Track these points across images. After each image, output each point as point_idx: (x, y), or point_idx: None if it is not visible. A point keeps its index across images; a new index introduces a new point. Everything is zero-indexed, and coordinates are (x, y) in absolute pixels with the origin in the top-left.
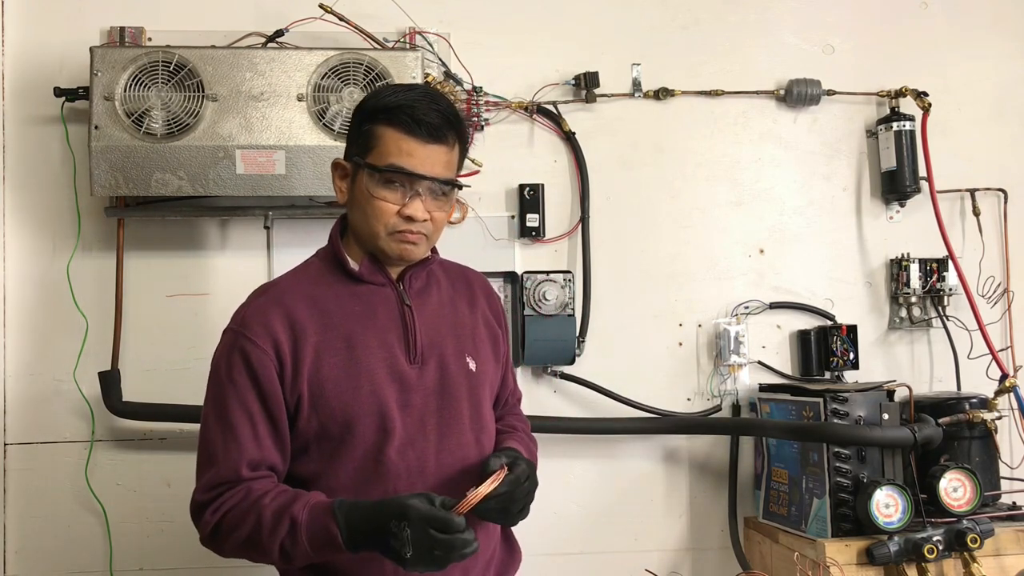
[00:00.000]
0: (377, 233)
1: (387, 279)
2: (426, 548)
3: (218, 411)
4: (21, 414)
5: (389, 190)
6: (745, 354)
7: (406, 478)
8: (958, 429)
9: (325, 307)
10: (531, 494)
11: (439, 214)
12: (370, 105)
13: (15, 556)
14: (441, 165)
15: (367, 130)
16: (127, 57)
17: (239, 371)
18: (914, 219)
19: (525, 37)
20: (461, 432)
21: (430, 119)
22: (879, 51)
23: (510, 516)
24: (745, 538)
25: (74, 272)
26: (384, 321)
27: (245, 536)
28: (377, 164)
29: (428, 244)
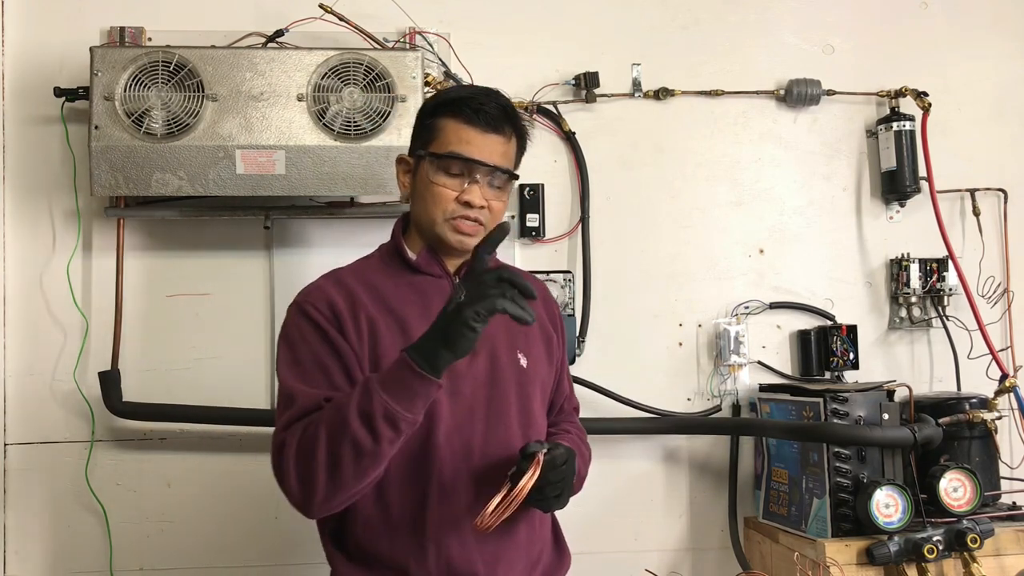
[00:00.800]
0: (435, 219)
1: (444, 271)
2: (480, 284)
3: (293, 368)
4: (21, 414)
5: (448, 176)
6: (745, 354)
7: (450, 463)
8: (958, 429)
9: (382, 292)
10: (568, 481)
11: (496, 203)
12: (433, 101)
13: (15, 556)
14: (499, 155)
15: (429, 123)
16: (127, 57)
17: (307, 330)
18: (914, 219)
19: (525, 37)
20: (508, 425)
21: (489, 110)
22: (879, 51)
23: (546, 501)
24: (745, 538)
25: (74, 272)
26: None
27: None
28: (438, 152)
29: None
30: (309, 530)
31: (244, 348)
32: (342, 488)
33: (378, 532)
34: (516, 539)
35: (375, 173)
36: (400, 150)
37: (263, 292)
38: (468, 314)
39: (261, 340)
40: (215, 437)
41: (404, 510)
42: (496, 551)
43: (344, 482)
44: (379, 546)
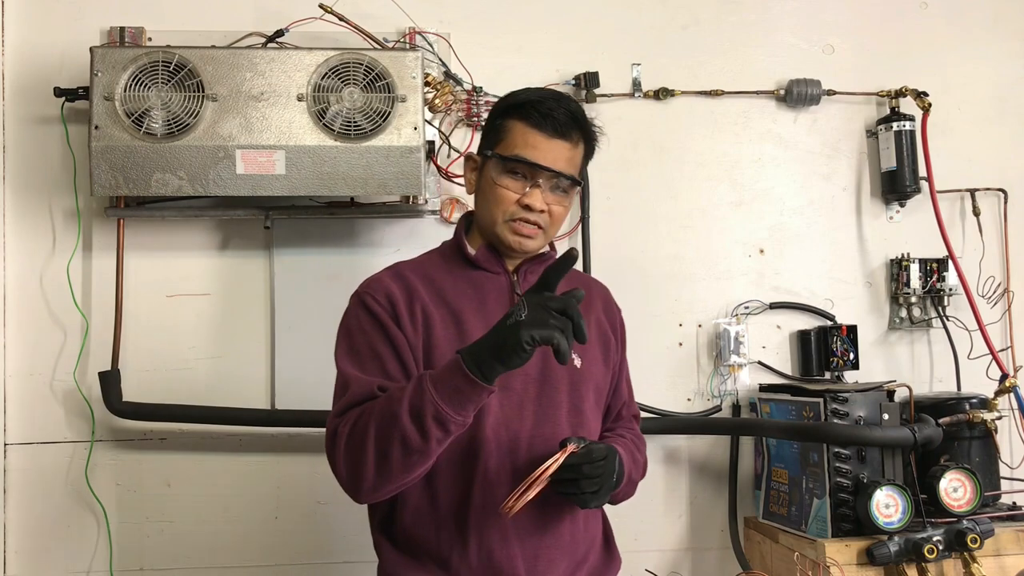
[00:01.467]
0: (496, 219)
1: (502, 269)
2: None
3: (350, 356)
4: (21, 414)
5: (511, 179)
6: (745, 354)
7: (497, 455)
8: (958, 429)
9: (440, 285)
10: (606, 479)
11: (557, 208)
12: (504, 102)
13: (15, 556)
14: (563, 160)
15: (499, 124)
16: (127, 57)
17: (364, 320)
18: (914, 219)
19: (525, 37)
20: (557, 422)
21: (557, 115)
22: (879, 51)
23: (583, 496)
24: (745, 538)
25: (74, 272)
26: (493, 307)
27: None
28: (503, 154)
29: (544, 238)
30: (309, 530)
31: (244, 348)
32: (390, 480)
33: (425, 521)
34: (559, 537)
35: (375, 173)
36: (400, 150)
37: (263, 292)
38: (524, 336)
39: (261, 340)
40: (215, 437)
41: (450, 501)
42: (537, 547)
43: (392, 474)
44: (425, 535)
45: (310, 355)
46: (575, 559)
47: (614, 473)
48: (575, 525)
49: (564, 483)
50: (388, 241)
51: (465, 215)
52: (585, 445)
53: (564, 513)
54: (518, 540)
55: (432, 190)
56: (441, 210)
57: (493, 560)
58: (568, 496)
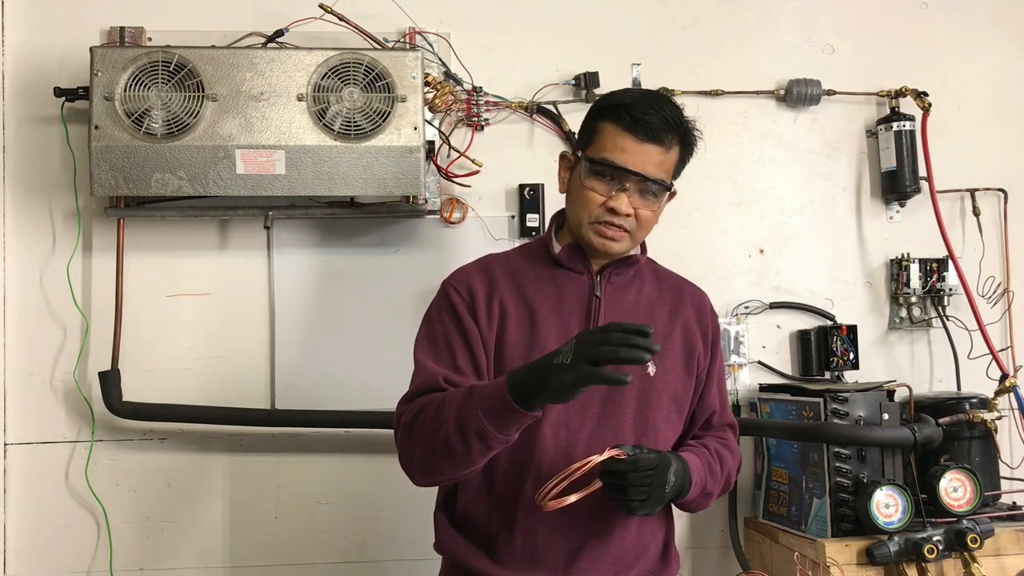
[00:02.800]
0: (581, 221)
1: (585, 268)
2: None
3: (426, 343)
4: (21, 414)
5: (599, 181)
6: (745, 354)
7: (553, 453)
8: (958, 429)
9: (521, 281)
10: (656, 488)
11: (645, 212)
12: (600, 103)
13: (15, 556)
14: (653, 164)
15: (593, 125)
16: (127, 57)
17: (445, 311)
18: (914, 219)
19: (525, 37)
20: (620, 429)
21: (649, 119)
22: (879, 51)
23: (630, 502)
24: (745, 538)
25: (74, 272)
26: (570, 306)
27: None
28: (592, 156)
29: (631, 241)
30: (309, 530)
31: (244, 348)
32: (435, 476)
33: (480, 503)
34: (606, 539)
35: (375, 173)
36: (400, 150)
37: (263, 292)
38: (567, 380)
39: (261, 340)
40: (215, 437)
41: (504, 488)
42: (581, 545)
43: (437, 472)
44: (479, 516)
45: (310, 355)
46: (623, 563)
47: (666, 483)
48: (625, 530)
49: (612, 488)
50: (388, 241)
51: (557, 213)
52: (634, 454)
53: (614, 516)
54: (563, 536)
55: (432, 190)
56: (441, 210)
57: (537, 551)
58: (616, 502)
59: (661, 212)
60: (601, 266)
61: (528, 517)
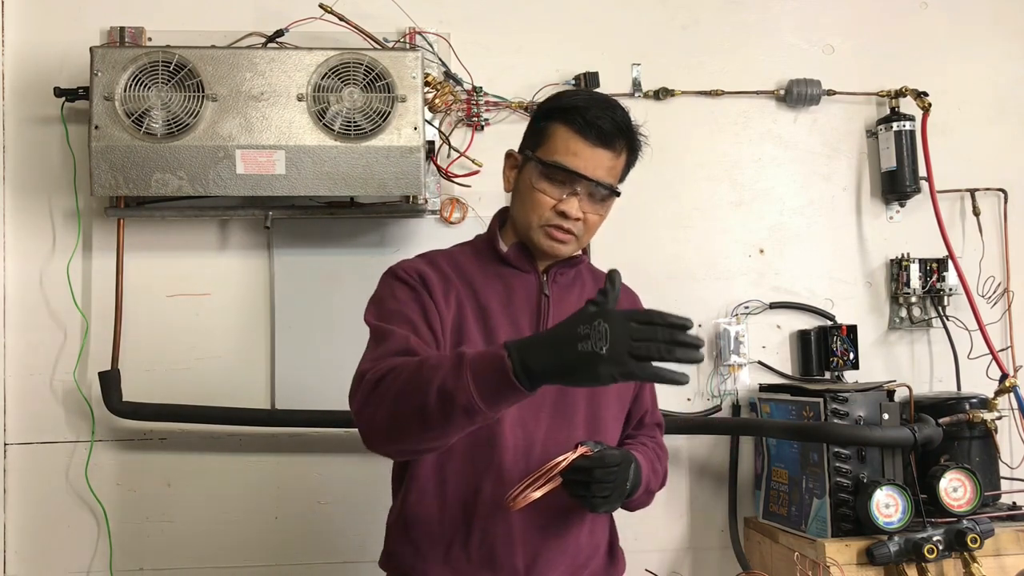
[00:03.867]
0: (531, 223)
1: (532, 268)
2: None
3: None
4: (21, 414)
5: (549, 184)
6: (745, 354)
7: (513, 453)
8: (958, 429)
9: (470, 278)
10: (618, 484)
11: (593, 216)
12: (550, 103)
13: (15, 556)
14: (604, 169)
15: (542, 126)
16: (127, 57)
17: (397, 288)
18: (914, 219)
19: (525, 37)
20: (573, 427)
21: (602, 123)
22: (879, 51)
23: (593, 500)
24: (745, 538)
25: (74, 272)
26: (520, 305)
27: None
28: (543, 158)
29: (577, 244)
30: (309, 530)
31: (244, 348)
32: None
33: (430, 505)
34: (562, 540)
35: (375, 173)
36: (400, 150)
37: (263, 292)
38: (604, 372)
39: (261, 340)
40: (215, 437)
41: (459, 489)
42: (539, 547)
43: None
44: (429, 519)
45: (310, 355)
46: (576, 563)
47: (627, 480)
48: (581, 529)
49: (575, 485)
50: (388, 241)
51: (500, 211)
52: (600, 450)
53: (571, 516)
54: (522, 538)
55: (432, 190)
56: (441, 210)
57: (494, 554)
58: (578, 499)
59: (606, 217)
60: (546, 266)
61: (487, 520)
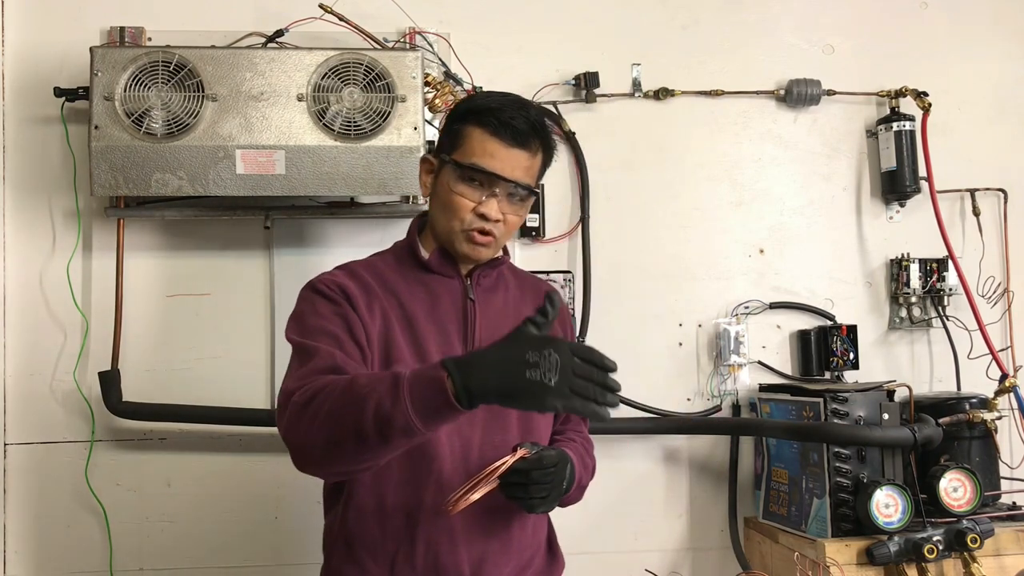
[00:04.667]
0: (452, 227)
1: (455, 273)
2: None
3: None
4: (21, 414)
5: (468, 187)
6: (745, 354)
7: (450, 460)
8: (958, 429)
9: (393, 287)
10: (555, 484)
11: (513, 217)
12: (464, 106)
13: (15, 556)
14: (521, 170)
15: (457, 129)
16: (127, 57)
17: (320, 303)
18: (914, 219)
19: (525, 37)
20: (507, 429)
21: (517, 124)
22: (879, 51)
23: (530, 500)
24: (745, 538)
25: (74, 272)
26: (446, 311)
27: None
28: (460, 161)
29: (497, 246)
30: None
31: (244, 348)
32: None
33: (371, 523)
34: (506, 541)
35: (375, 173)
36: (400, 150)
37: (263, 292)
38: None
39: (261, 340)
40: (215, 437)
41: (399, 500)
42: (484, 551)
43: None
44: (370, 532)
45: None
46: (520, 563)
47: (564, 480)
48: (523, 530)
49: (513, 487)
50: (388, 241)
51: (418, 216)
52: (537, 451)
53: (512, 517)
54: (466, 543)
55: None
56: None
57: (439, 562)
58: (516, 501)
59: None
60: (468, 270)
61: (430, 529)
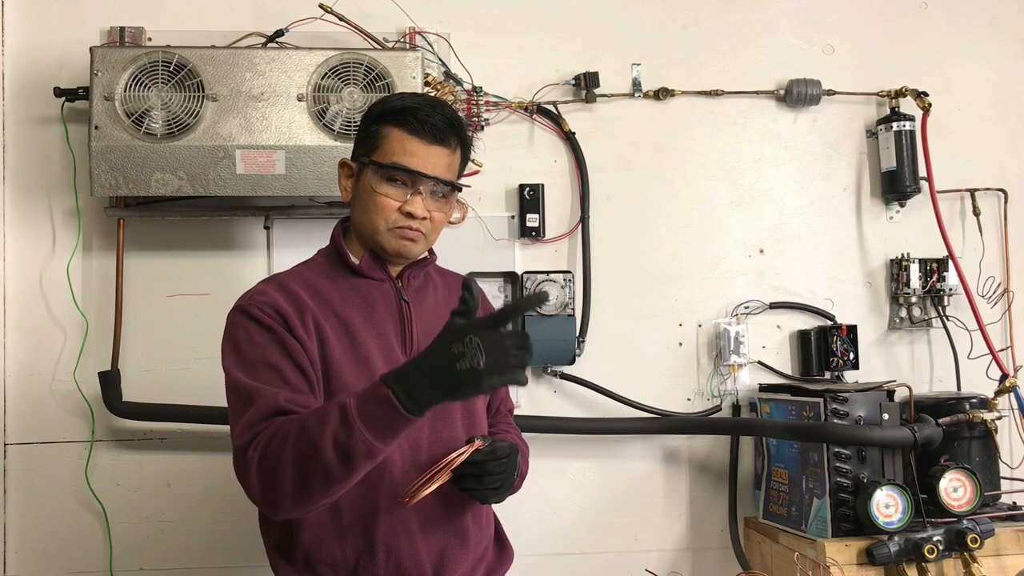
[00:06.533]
0: (378, 228)
1: (386, 275)
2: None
3: (244, 369)
4: (21, 414)
5: (392, 187)
6: (745, 354)
7: (401, 462)
8: (958, 429)
9: (326, 296)
10: (508, 475)
11: (438, 214)
12: (378, 108)
13: (15, 556)
14: (443, 166)
15: (374, 130)
16: (127, 57)
17: (254, 331)
18: (914, 219)
19: (525, 37)
20: (452, 425)
21: (434, 121)
22: (879, 51)
23: (484, 492)
24: (745, 538)
25: (74, 272)
26: (382, 314)
27: (293, 450)
28: (381, 161)
29: (426, 243)
30: None
31: None
32: (310, 503)
33: (328, 536)
34: (464, 537)
35: None
36: None
37: None
38: (486, 384)
39: None
40: (215, 437)
41: (354, 512)
42: (443, 549)
43: (312, 499)
44: (329, 550)
45: None
46: (476, 555)
47: (515, 470)
48: (477, 522)
49: (467, 479)
50: None
51: (341, 221)
52: (491, 443)
53: (466, 510)
54: (424, 540)
55: None
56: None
57: (402, 566)
58: (470, 492)
59: (451, 214)
60: (398, 271)
61: (388, 536)
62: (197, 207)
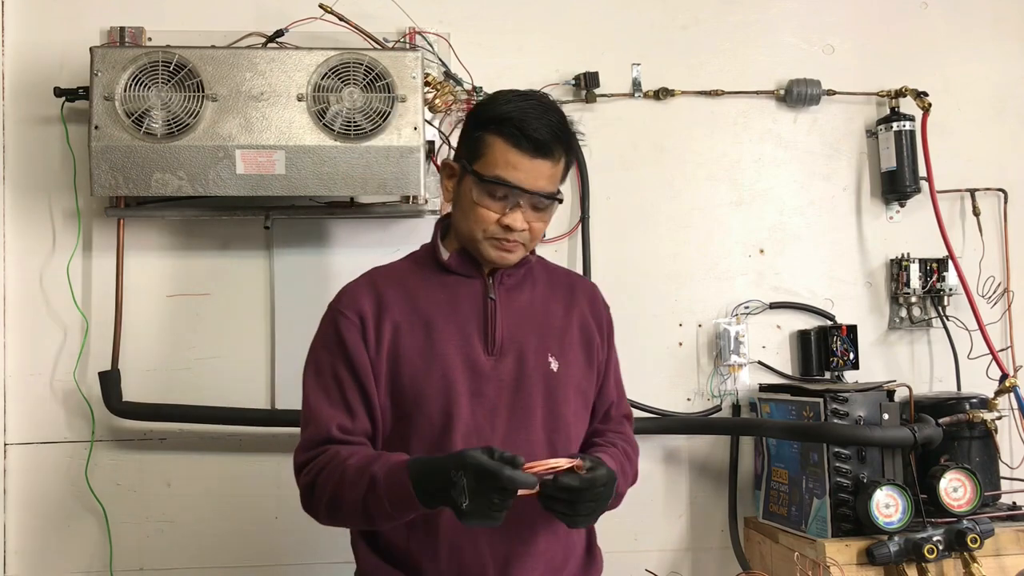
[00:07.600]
0: (476, 237)
1: (477, 273)
2: (481, 498)
3: (314, 378)
4: (21, 414)
5: (492, 199)
6: (745, 354)
7: None
8: (958, 429)
9: (413, 292)
10: (602, 502)
11: (538, 225)
12: (483, 112)
13: (15, 556)
14: (545, 179)
15: (477, 136)
16: (127, 57)
17: (332, 341)
18: (914, 219)
19: (525, 37)
20: (532, 429)
21: (539, 134)
22: (879, 51)
23: (575, 517)
24: (745, 538)
25: (74, 272)
26: (466, 311)
27: (330, 495)
28: (483, 173)
29: (524, 251)
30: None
31: (244, 348)
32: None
33: (396, 529)
34: (532, 544)
35: (375, 173)
36: (400, 150)
37: (263, 292)
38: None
39: (261, 340)
40: (215, 437)
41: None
42: (508, 554)
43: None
44: (397, 542)
45: None
46: (553, 566)
47: (611, 496)
48: (554, 534)
49: (554, 501)
50: (388, 241)
51: (442, 218)
52: (591, 466)
53: (537, 521)
54: (489, 547)
55: (432, 190)
56: (441, 210)
57: (464, 566)
58: (558, 514)
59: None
60: (490, 269)
61: (452, 535)
62: (197, 207)
